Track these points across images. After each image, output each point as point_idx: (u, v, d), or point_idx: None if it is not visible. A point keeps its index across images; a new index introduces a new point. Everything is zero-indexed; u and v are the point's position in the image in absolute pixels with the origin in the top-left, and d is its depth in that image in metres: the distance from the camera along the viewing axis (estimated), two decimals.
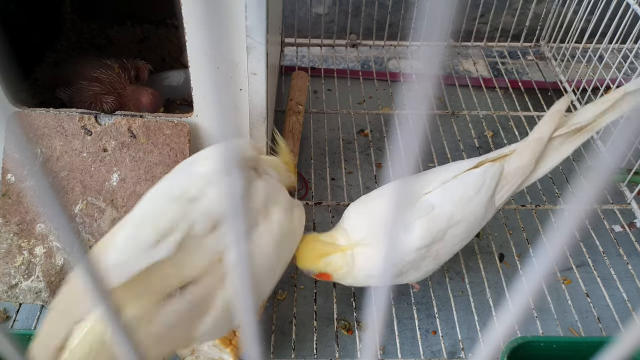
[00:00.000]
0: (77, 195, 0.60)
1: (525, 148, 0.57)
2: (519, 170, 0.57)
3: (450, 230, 0.54)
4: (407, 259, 0.54)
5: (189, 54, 0.56)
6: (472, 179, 0.56)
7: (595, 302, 0.63)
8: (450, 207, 0.55)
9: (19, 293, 0.59)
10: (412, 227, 0.54)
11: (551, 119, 0.57)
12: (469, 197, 0.55)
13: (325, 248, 0.54)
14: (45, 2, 0.85)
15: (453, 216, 0.54)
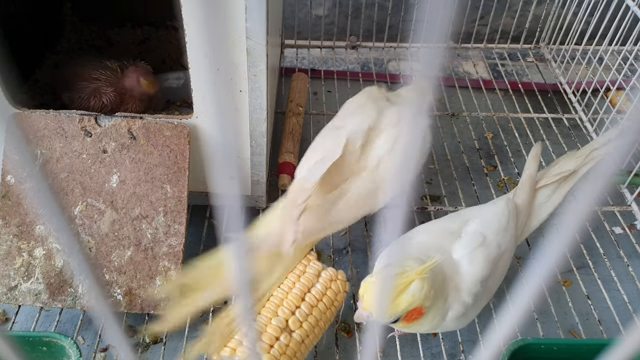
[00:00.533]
0: (77, 196, 0.60)
1: (523, 183, 0.60)
2: (524, 203, 0.58)
3: (500, 260, 0.53)
4: (474, 291, 0.50)
5: (189, 56, 0.56)
6: (502, 208, 0.56)
7: (596, 304, 0.63)
8: (494, 236, 0.53)
9: (18, 295, 0.59)
10: (475, 257, 0.51)
11: (533, 161, 0.62)
12: (504, 226, 0.55)
13: (396, 282, 0.45)
14: (46, 4, 0.85)
15: (499, 246, 0.53)
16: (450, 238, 0.53)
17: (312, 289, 0.55)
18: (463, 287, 0.50)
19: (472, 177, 0.78)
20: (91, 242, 0.60)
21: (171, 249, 0.60)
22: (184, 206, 0.60)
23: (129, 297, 0.59)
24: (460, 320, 0.51)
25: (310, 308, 0.54)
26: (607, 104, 0.86)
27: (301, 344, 0.52)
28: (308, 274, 0.56)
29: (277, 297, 0.54)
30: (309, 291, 0.55)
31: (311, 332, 0.53)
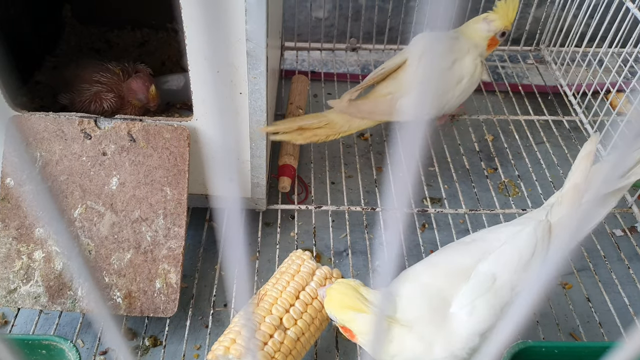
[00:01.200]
0: (77, 199, 0.60)
1: (564, 197, 0.53)
2: (562, 220, 0.52)
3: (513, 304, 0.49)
4: (471, 345, 0.47)
5: (189, 58, 0.56)
6: (525, 240, 0.50)
7: (597, 307, 0.62)
8: (509, 275, 0.49)
9: (17, 298, 0.59)
10: (474, 308, 0.47)
11: (583, 163, 0.54)
12: (525, 262, 0.49)
13: (358, 302, 0.47)
14: (46, 6, 0.85)
15: (515, 287, 0.48)
16: (457, 279, 0.49)
17: (306, 287, 0.55)
18: (455, 340, 0.47)
19: (472, 180, 0.78)
20: (91, 244, 0.60)
21: (171, 251, 0.60)
22: (184, 209, 0.60)
23: (128, 300, 0.59)
24: None
25: (304, 306, 0.54)
26: (607, 106, 0.86)
27: (296, 342, 0.52)
28: (302, 272, 0.56)
29: (271, 296, 0.54)
30: (304, 289, 0.55)
31: (307, 330, 0.53)
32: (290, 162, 0.76)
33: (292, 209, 0.73)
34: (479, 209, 0.73)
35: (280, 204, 0.73)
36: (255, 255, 0.67)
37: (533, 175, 0.78)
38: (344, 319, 0.47)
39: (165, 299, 0.59)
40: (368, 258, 0.69)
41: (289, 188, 0.74)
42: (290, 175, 0.75)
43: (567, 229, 0.17)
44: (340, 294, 0.48)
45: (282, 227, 0.71)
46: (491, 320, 0.47)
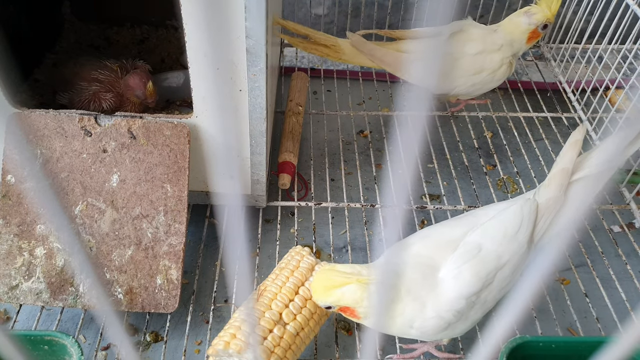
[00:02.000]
0: (77, 196, 0.60)
1: (551, 179, 0.55)
2: (550, 202, 0.54)
3: (499, 273, 0.51)
4: (457, 307, 0.49)
5: (189, 55, 0.56)
6: (511, 215, 0.53)
7: (594, 302, 0.63)
8: (495, 246, 0.51)
9: (19, 294, 0.59)
10: (460, 273, 0.50)
11: (571, 149, 0.56)
12: (511, 235, 0.52)
13: (339, 278, 0.49)
14: (45, 4, 0.85)
15: (500, 257, 0.51)
16: (446, 249, 0.52)
17: (305, 282, 0.56)
18: (442, 301, 0.49)
19: (471, 176, 0.78)
20: (92, 241, 0.60)
21: (171, 248, 0.60)
22: (184, 205, 0.60)
23: (129, 296, 0.59)
24: (445, 332, 0.51)
25: (304, 301, 0.54)
26: (606, 102, 0.86)
27: (296, 337, 0.53)
28: (302, 268, 0.57)
29: (270, 292, 0.54)
30: (303, 284, 0.55)
31: (306, 325, 0.54)
32: (290, 159, 0.76)
33: (292, 206, 0.73)
34: (478, 206, 0.73)
35: (280, 201, 0.73)
36: (255, 252, 0.67)
37: (532, 172, 0.79)
38: (334, 300, 0.49)
39: (166, 294, 0.59)
40: (368, 254, 0.69)
41: (288, 185, 0.74)
42: (290, 172, 0.75)
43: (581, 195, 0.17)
44: (319, 281, 0.50)
45: (282, 223, 0.71)
46: (476, 285, 0.50)
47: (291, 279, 0.56)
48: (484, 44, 0.75)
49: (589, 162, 0.57)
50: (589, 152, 0.58)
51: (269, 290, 0.55)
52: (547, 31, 0.77)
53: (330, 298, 0.49)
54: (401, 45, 0.76)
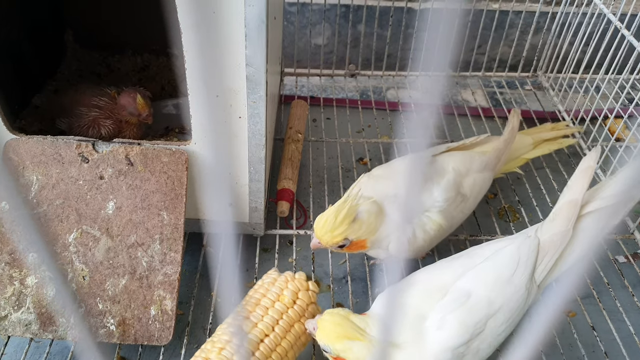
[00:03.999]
0: (72, 223, 0.59)
1: (557, 212, 0.52)
2: (556, 237, 0.51)
3: (491, 320, 0.48)
4: (445, 358, 0.47)
5: (188, 82, 0.56)
6: (506, 257, 0.50)
7: (602, 336, 0.61)
8: (487, 292, 0.48)
9: (8, 325, 0.57)
10: (445, 323, 0.47)
11: (582, 177, 0.53)
12: (505, 278, 0.49)
13: (352, 331, 0.47)
14: (48, 31, 0.85)
15: (492, 303, 0.48)
16: (435, 296, 0.49)
17: (280, 298, 0.54)
18: (427, 355, 0.47)
19: None
20: (85, 270, 0.59)
21: (167, 277, 0.58)
22: (181, 234, 0.59)
23: (122, 328, 0.57)
24: None
25: (279, 315, 0.53)
26: (605, 131, 0.86)
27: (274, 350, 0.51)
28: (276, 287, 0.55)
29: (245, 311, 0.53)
30: (278, 300, 0.54)
31: (283, 339, 0.52)
32: (289, 186, 0.75)
33: (290, 234, 0.72)
34: (480, 235, 0.72)
35: (278, 229, 0.72)
36: (252, 282, 0.66)
37: (533, 201, 0.78)
38: (340, 348, 0.47)
39: (160, 326, 0.57)
40: (368, 285, 0.67)
41: (287, 213, 0.73)
42: (289, 199, 0.74)
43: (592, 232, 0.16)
44: (332, 324, 0.48)
45: (280, 252, 0.70)
46: (462, 336, 0.47)
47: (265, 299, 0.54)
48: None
49: (604, 192, 0.53)
50: (603, 182, 0.56)
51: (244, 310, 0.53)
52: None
53: (336, 345, 0.47)
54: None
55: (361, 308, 0.56)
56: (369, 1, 1.00)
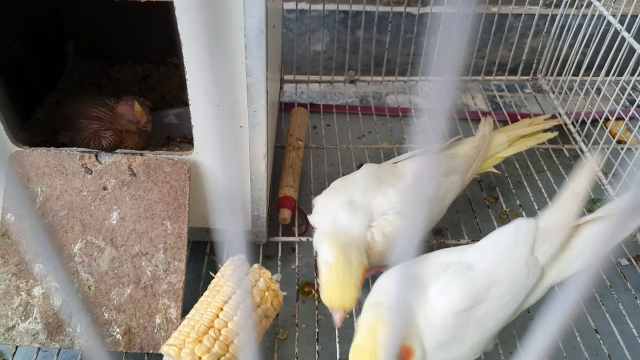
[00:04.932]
0: (77, 234, 0.60)
1: (561, 203, 0.54)
2: (559, 225, 0.53)
3: (492, 291, 0.50)
4: (448, 322, 0.48)
5: (190, 93, 0.56)
6: (504, 233, 0.53)
7: (605, 339, 0.61)
8: (486, 264, 0.51)
9: (15, 335, 0.58)
10: (447, 288, 0.49)
11: (585, 174, 0.56)
12: (504, 251, 0.51)
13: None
14: (49, 43, 0.86)
15: (492, 273, 0.50)
16: (437, 270, 0.52)
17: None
18: (430, 318, 0.48)
19: (474, 210, 0.78)
20: (90, 280, 0.59)
21: (171, 286, 0.59)
22: (184, 243, 0.60)
23: (128, 336, 0.58)
24: (442, 354, 0.49)
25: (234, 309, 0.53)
26: (607, 134, 0.87)
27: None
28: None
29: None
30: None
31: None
32: (290, 193, 0.76)
33: (292, 241, 0.72)
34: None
35: (280, 236, 0.72)
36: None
37: (535, 205, 0.78)
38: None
39: (165, 334, 0.58)
40: (369, 287, 0.68)
41: (289, 220, 0.74)
42: (291, 206, 0.75)
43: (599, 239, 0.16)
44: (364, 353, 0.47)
45: (282, 259, 0.70)
46: (463, 302, 0.49)
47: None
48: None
49: (609, 207, 0.55)
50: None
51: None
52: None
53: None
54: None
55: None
56: (368, 7, 1.00)
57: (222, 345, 0.51)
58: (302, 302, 0.67)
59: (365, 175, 0.64)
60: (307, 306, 0.67)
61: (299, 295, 0.67)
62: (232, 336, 0.52)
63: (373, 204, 0.60)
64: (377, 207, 0.60)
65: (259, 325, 0.55)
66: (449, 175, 0.67)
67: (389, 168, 0.67)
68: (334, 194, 0.63)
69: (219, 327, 0.52)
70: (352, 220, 0.59)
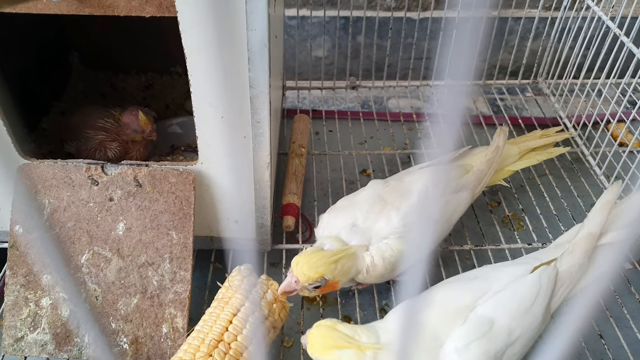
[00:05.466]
0: (84, 245, 0.61)
1: (576, 245, 0.53)
2: (573, 269, 0.52)
3: (509, 349, 0.48)
4: None
5: (194, 104, 0.57)
6: (528, 287, 0.50)
7: (610, 343, 0.61)
8: (508, 321, 0.48)
9: (24, 346, 0.58)
10: (468, 350, 0.47)
11: (601, 211, 0.54)
12: (525, 308, 0.49)
13: (340, 340, 0.48)
14: (54, 54, 0.87)
15: (512, 332, 0.48)
16: (454, 319, 0.49)
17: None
18: None
19: (476, 214, 0.78)
20: (97, 290, 0.60)
21: (177, 295, 0.60)
22: (190, 252, 0.60)
23: (135, 346, 0.59)
24: None
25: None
26: (608, 136, 0.87)
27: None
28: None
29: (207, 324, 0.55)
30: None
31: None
32: (293, 200, 0.76)
33: (296, 249, 0.73)
34: (484, 244, 0.73)
35: (284, 244, 0.73)
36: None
37: (537, 209, 0.78)
38: (330, 359, 0.48)
39: (172, 344, 0.59)
40: (375, 297, 0.68)
41: (293, 227, 0.74)
42: (294, 214, 0.75)
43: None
44: (320, 337, 0.49)
45: (287, 267, 0.71)
46: None
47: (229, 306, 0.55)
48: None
49: (619, 222, 0.54)
50: (618, 208, 0.56)
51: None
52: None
53: (326, 357, 0.48)
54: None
55: (368, 320, 0.57)
56: (368, 12, 1.01)
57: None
58: (307, 310, 0.68)
59: (369, 195, 0.64)
60: (312, 313, 0.67)
61: (304, 302, 0.68)
62: (242, 349, 0.52)
63: (375, 227, 0.60)
64: (379, 230, 0.60)
65: (267, 337, 0.55)
66: (457, 192, 0.65)
67: (395, 185, 0.65)
68: (338, 213, 0.63)
69: (228, 341, 0.53)
70: (351, 243, 0.60)
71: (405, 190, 0.63)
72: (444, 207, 0.63)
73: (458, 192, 0.65)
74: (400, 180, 0.66)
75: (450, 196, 0.64)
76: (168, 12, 0.53)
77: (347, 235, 0.60)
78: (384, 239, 0.60)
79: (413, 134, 0.97)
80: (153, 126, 0.69)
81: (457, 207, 0.65)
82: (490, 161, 0.68)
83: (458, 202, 0.65)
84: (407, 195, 0.63)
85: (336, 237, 0.60)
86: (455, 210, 0.65)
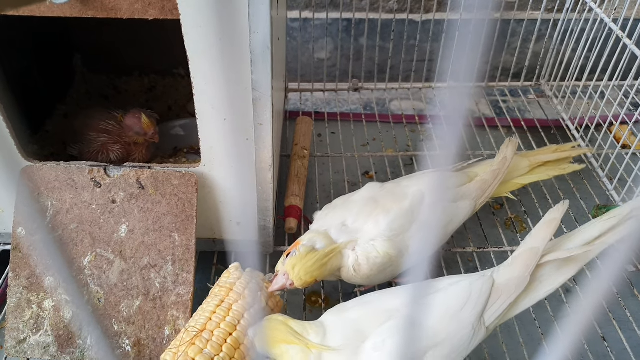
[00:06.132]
0: (87, 247, 0.61)
1: (517, 258, 0.52)
2: (512, 282, 0.50)
3: (430, 352, 0.47)
4: None
5: (197, 107, 0.57)
6: (458, 292, 0.50)
7: (613, 346, 0.61)
8: (433, 323, 0.48)
9: (27, 348, 0.58)
10: (384, 346, 0.47)
11: (546, 227, 0.53)
12: (453, 313, 0.49)
13: (289, 336, 0.49)
14: (57, 56, 0.88)
15: (436, 335, 0.48)
16: (381, 318, 0.49)
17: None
18: None
19: (479, 217, 0.78)
20: (100, 292, 0.60)
21: (180, 298, 0.60)
22: (192, 254, 0.60)
23: (137, 348, 0.59)
24: None
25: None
26: (611, 138, 0.87)
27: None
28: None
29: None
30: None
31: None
32: (296, 202, 0.76)
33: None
34: (487, 246, 0.73)
35: (287, 246, 0.73)
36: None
37: (540, 211, 0.78)
38: (277, 353, 0.49)
39: None
40: None
41: (295, 229, 0.74)
42: (297, 216, 0.75)
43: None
44: (270, 330, 0.49)
45: None
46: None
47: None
48: None
49: (568, 244, 0.53)
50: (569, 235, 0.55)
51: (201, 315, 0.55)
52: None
53: (273, 350, 0.49)
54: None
55: None
56: (371, 14, 1.01)
57: (214, 346, 0.52)
58: (309, 312, 0.68)
59: (363, 197, 0.64)
60: (314, 315, 0.67)
61: (306, 304, 0.68)
62: (226, 336, 0.53)
63: (363, 229, 0.60)
64: (367, 232, 0.60)
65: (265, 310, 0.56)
66: (457, 201, 0.64)
67: (391, 188, 0.65)
68: (332, 211, 0.64)
69: (211, 329, 0.53)
70: (339, 241, 0.60)
71: (400, 195, 0.63)
72: (440, 215, 0.62)
73: (457, 201, 0.64)
74: (398, 184, 0.66)
75: (447, 204, 0.63)
76: (171, 14, 0.53)
77: (336, 234, 0.60)
78: (371, 241, 0.59)
79: (415, 136, 0.97)
80: (155, 128, 0.69)
81: (455, 216, 0.64)
82: (495, 172, 0.66)
83: (456, 211, 0.64)
84: (400, 199, 0.62)
85: (325, 234, 0.60)
86: (452, 219, 0.64)
